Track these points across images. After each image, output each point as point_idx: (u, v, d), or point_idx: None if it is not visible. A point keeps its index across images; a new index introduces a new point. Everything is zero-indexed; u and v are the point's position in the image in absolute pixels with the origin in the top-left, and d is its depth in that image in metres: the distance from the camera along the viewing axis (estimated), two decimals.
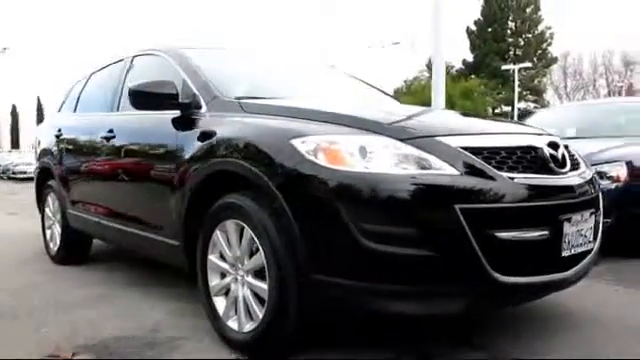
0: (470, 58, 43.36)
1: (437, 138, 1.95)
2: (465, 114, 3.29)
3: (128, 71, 3.47)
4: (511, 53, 42.66)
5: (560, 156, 2.16)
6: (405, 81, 42.65)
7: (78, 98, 4.18)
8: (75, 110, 4.17)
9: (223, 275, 2.35)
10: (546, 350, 2.21)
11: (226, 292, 2.34)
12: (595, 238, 2.25)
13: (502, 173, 1.91)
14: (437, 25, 6.57)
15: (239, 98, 2.53)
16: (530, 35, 42.58)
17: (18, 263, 4.29)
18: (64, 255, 4.05)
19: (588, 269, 2.27)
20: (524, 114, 28.48)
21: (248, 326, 2.17)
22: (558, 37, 42.57)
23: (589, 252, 2.22)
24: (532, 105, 42.96)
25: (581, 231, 2.10)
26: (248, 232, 2.14)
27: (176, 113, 2.70)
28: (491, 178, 1.88)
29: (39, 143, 4.56)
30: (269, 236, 2.01)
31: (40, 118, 45.81)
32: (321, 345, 2.25)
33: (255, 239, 2.09)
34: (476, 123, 2.60)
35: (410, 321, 2.47)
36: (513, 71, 35.74)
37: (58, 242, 4.09)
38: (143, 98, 2.68)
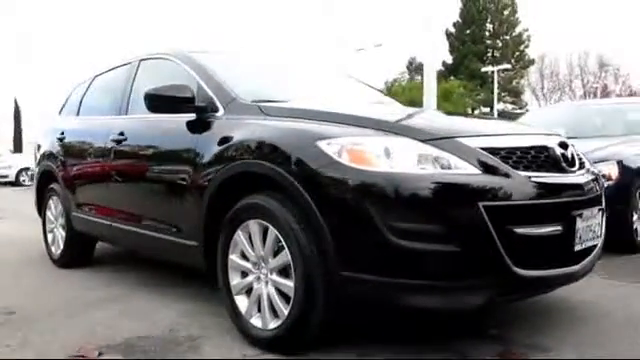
0: (449, 60, 43.88)
1: (457, 139, 2.04)
2: (477, 116, 3.40)
3: (135, 74, 3.50)
4: (489, 55, 43.32)
5: (570, 155, 2.27)
6: (385, 83, 42.97)
7: (81, 101, 4.19)
8: (78, 113, 4.18)
9: (244, 274, 2.41)
10: (560, 341, 2.32)
11: (248, 291, 2.39)
12: (601, 234, 2.37)
13: (519, 172, 2.01)
14: (429, 29, 6.73)
15: (257, 101, 2.59)
16: (508, 37, 43.29)
17: (19, 266, 4.28)
18: (68, 258, 4.05)
19: (594, 263, 2.39)
20: (503, 115, 28.91)
21: (272, 323, 2.23)
22: (535, 39, 43.43)
23: (595, 247, 2.34)
24: (510, 106, 43.68)
25: (590, 226, 2.22)
26: (273, 232, 2.20)
27: (191, 116, 2.75)
28: (510, 177, 1.98)
29: (39, 147, 4.55)
30: (296, 235, 2.08)
31: (18, 121, 44.89)
32: (337, 342, 2.31)
33: (280, 238, 2.16)
34: (490, 124, 2.70)
35: (425, 316, 2.57)
36: (492, 73, 36.29)
37: (61, 245, 4.09)
38: (159, 102, 2.73)
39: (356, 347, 2.28)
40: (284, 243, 2.14)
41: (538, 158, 2.13)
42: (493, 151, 2.03)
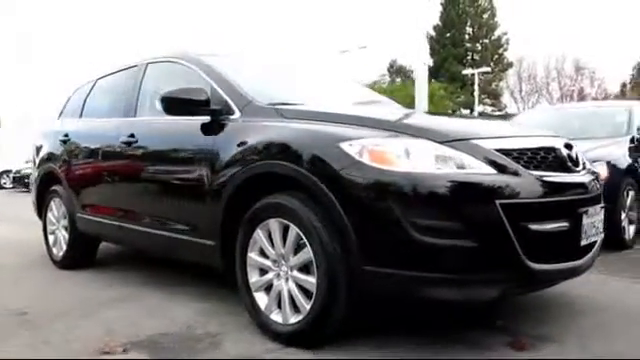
0: (430, 62, 44.34)
1: (472, 141, 2.16)
2: (484, 118, 3.53)
3: (143, 77, 3.55)
4: (469, 58, 43.89)
5: (574, 156, 2.41)
6: (366, 85, 43.22)
7: (84, 104, 4.22)
8: (81, 115, 4.21)
9: (263, 271, 2.49)
10: (563, 332, 2.45)
11: (267, 288, 2.47)
12: (602, 230, 2.51)
13: (531, 172, 2.13)
14: (418, 35, 6.91)
15: (273, 104, 2.67)
16: (487, 40, 43.93)
17: (20, 269, 4.29)
18: (71, 259, 4.08)
19: (594, 259, 2.52)
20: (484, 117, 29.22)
21: (293, 318, 2.32)
22: (513, 42, 44.18)
23: (595, 243, 2.48)
24: (490, 108, 44.32)
25: (594, 223, 2.35)
26: (294, 230, 2.29)
27: (205, 119, 2.81)
28: (522, 176, 2.10)
29: (39, 149, 4.55)
30: (318, 233, 2.17)
31: None
32: (353, 335, 2.40)
33: (302, 236, 2.25)
34: (502, 127, 2.81)
35: (434, 309, 2.68)
36: (472, 75, 36.80)
37: (64, 247, 4.11)
38: (175, 104, 2.79)
39: (372, 340, 2.38)
40: (306, 241, 2.23)
41: (547, 158, 2.26)
42: (506, 152, 2.15)
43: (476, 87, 36.41)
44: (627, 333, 2.47)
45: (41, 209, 4.51)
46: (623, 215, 4.35)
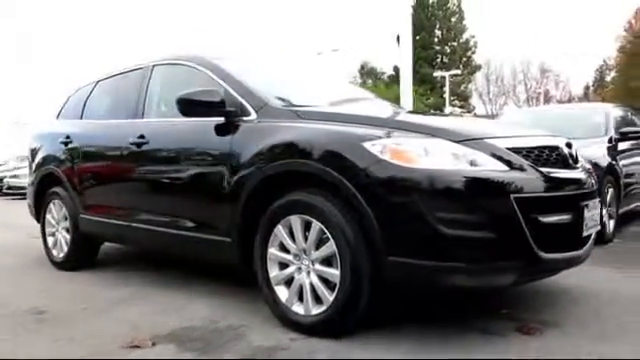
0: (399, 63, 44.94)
1: (485, 140, 2.32)
2: (492, 120, 3.72)
3: (149, 79, 3.61)
4: (439, 60, 44.64)
5: (574, 154, 2.60)
6: None
7: (84, 106, 4.25)
8: (81, 117, 4.24)
9: (283, 266, 2.60)
10: (564, 317, 2.64)
11: (287, 281, 2.59)
12: (600, 223, 2.71)
13: (539, 168, 2.31)
14: (405, 38, 7.13)
15: (289, 106, 2.79)
16: (456, 43, 44.75)
17: (21, 270, 4.29)
18: (74, 260, 4.10)
19: (591, 249, 2.72)
20: None
21: (315, 309, 2.44)
22: (481, 45, 45.13)
23: (592, 234, 2.68)
24: (459, 110, 45.14)
25: (593, 216, 2.55)
26: (317, 225, 2.41)
27: (219, 120, 2.91)
28: (532, 172, 2.28)
29: (34, 151, 4.55)
30: (342, 228, 2.30)
31: None
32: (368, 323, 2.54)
33: (326, 231, 2.37)
34: (507, 127, 3.00)
35: (442, 298, 2.85)
36: (442, 78, 37.47)
37: (65, 248, 4.14)
38: (191, 105, 2.88)
39: (387, 329, 2.53)
40: (330, 235, 2.36)
41: (551, 156, 2.45)
42: (516, 150, 2.32)
43: (447, 89, 37.09)
44: (617, 317, 2.67)
45: (39, 211, 4.51)
46: (604, 211, 4.61)
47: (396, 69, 45.19)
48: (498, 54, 57.35)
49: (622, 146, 5.36)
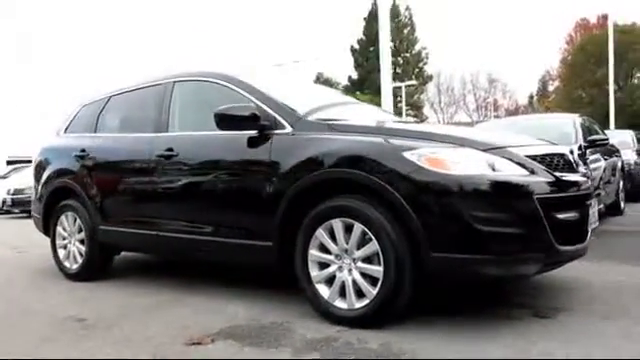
0: (355, 75, 45.84)
1: (507, 149, 2.67)
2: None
3: (172, 95, 3.80)
4: (392, 72, 45.72)
5: (576, 160, 2.99)
6: None
7: (97, 120, 4.37)
8: (95, 131, 4.35)
9: (323, 265, 2.86)
10: (571, 304, 3.02)
11: (328, 280, 2.84)
12: (598, 219, 3.11)
13: (553, 172, 2.68)
14: (383, 49, 7.58)
15: (322, 120, 3.07)
16: (408, 54, 46.08)
17: (36, 284, 4.34)
18: (89, 271, 4.20)
19: (589, 243, 3.11)
20: None
21: (359, 303, 2.71)
22: (432, 57, 46.70)
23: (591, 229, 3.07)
24: (412, 119, 46.39)
25: (594, 213, 2.94)
26: (359, 227, 2.69)
27: (251, 133, 3.15)
28: (548, 176, 2.64)
29: (43, 165, 4.63)
30: (385, 228, 2.59)
31: None
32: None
33: (368, 232, 2.65)
34: (520, 138, 3.35)
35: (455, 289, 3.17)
36: (398, 88, 38.47)
37: (80, 260, 4.23)
38: (227, 120, 3.12)
39: (419, 318, 2.81)
40: (372, 236, 2.64)
41: (560, 162, 2.83)
42: (532, 157, 2.68)
43: (403, 99, 38.11)
44: (616, 300, 3.07)
45: (48, 224, 4.57)
46: None
47: (351, 79, 46.25)
48: (448, 65, 59.46)
49: (588, 153, 5.90)
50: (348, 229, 2.76)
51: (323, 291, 2.86)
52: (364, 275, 2.71)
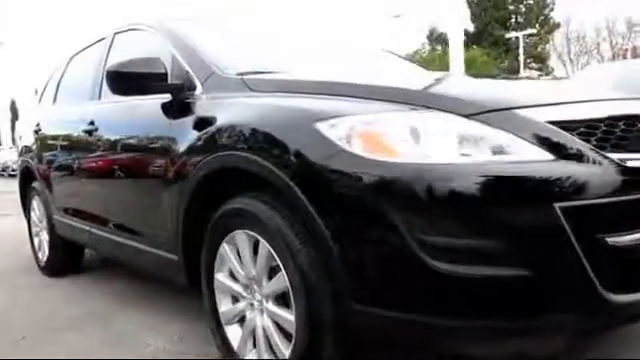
0: (471, 28, 42.30)
1: (515, 111, 1.43)
2: (529, 77, 2.75)
3: (109, 51, 2.95)
4: (512, 21, 41.63)
5: None
6: (407, 54, 41.73)
7: (57, 87, 3.67)
8: (55, 101, 3.67)
9: (235, 299, 1.87)
10: None
11: (241, 319, 1.86)
12: None
13: (609, 154, 1.40)
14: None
15: (242, 74, 2.01)
16: (531, 1, 41.48)
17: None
18: (56, 266, 3.58)
19: None
20: None
21: None
22: (559, 2, 41.54)
23: None
24: (536, 73, 42.12)
25: None
26: (265, 246, 1.65)
27: (166, 97, 2.19)
28: (596, 162, 1.37)
29: (20, 139, 4.08)
30: (292, 252, 1.53)
31: (15, 116, 45.07)
32: None
33: (274, 255, 1.61)
34: (559, 87, 2.06)
35: None
36: (517, 39, 34.93)
37: (47, 252, 3.62)
38: (123, 81, 2.18)
39: None
40: (279, 262, 1.59)
41: (630, 132, 1.51)
42: (568, 126, 1.41)
43: (521, 51, 34.52)
44: None
45: (25, 208, 4.04)
46: None
47: (467, 33, 42.72)
48: (579, 11, 52.91)
49: None
50: (257, 247, 1.73)
51: (233, 336, 1.87)
52: (277, 324, 1.69)
